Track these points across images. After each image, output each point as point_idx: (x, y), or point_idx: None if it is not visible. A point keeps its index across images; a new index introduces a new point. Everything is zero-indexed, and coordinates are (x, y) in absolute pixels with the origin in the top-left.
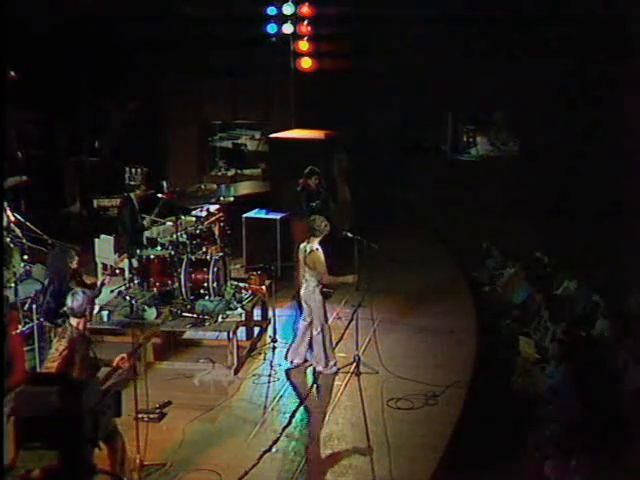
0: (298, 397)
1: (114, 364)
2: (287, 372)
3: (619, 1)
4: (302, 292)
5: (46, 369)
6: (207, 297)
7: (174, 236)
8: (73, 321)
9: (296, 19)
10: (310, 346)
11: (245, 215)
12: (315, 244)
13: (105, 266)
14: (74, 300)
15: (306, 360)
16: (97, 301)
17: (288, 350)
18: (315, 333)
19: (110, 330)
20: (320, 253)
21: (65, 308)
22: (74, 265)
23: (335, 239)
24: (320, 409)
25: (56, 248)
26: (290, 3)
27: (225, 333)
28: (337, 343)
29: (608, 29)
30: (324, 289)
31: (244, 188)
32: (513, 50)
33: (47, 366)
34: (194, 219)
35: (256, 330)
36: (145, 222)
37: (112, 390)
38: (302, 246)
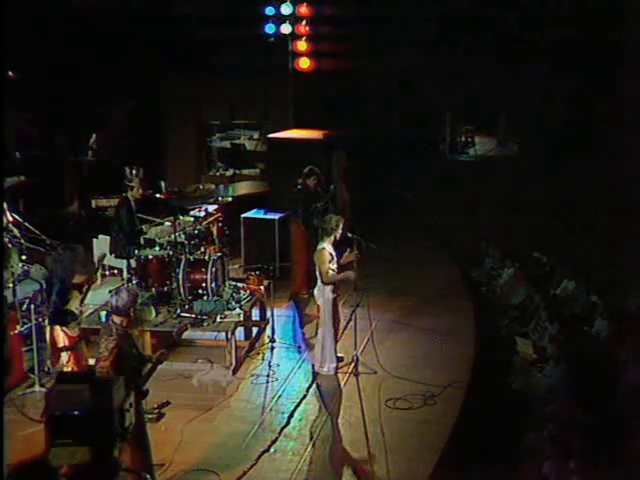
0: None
1: (155, 359)
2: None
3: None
4: (315, 290)
5: (100, 368)
6: (205, 297)
7: (172, 236)
8: (117, 319)
9: (294, 19)
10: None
11: (243, 215)
12: (324, 243)
13: (103, 266)
14: (119, 299)
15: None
16: (94, 301)
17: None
18: (319, 331)
19: None
20: (326, 252)
21: (108, 307)
22: (79, 265)
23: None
24: (318, 409)
25: (66, 247)
26: (288, 3)
27: (223, 333)
28: (335, 343)
29: (608, 29)
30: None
31: (242, 188)
32: (512, 50)
33: (101, 365)
34: (192, 219)
35: (254, 330)
36: (145, 227)
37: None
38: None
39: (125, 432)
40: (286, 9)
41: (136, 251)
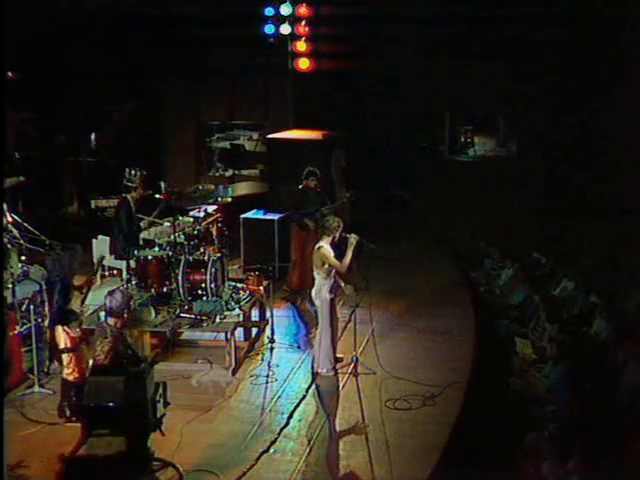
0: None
1: (150, 359)
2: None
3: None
4: (312, 291)
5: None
6: (205, 298)
7: (172, 237)
8: (111, 321)
9: (294, 20)
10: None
11: (243, 216)
12: (322, 242)
13: (103, 267)
14: (113, 300)
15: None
16: (94, 301)
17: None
18: (317, 332)
19: None
20: (326, 249)
21: (104, 309)
22: (77, 264)
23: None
24: (318, 410)
25: (64, 247)
26: (288, 4)
27: (223, 334)
28: (334, 344)
29: (606, 29)
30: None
31: (242, 189)
32: (511, 50)
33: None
34: (192, 220)
35: (254, 331)
36: (142, 223)
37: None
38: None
39: (158, 422)
40: (285, 10)
41: (135, 252)
